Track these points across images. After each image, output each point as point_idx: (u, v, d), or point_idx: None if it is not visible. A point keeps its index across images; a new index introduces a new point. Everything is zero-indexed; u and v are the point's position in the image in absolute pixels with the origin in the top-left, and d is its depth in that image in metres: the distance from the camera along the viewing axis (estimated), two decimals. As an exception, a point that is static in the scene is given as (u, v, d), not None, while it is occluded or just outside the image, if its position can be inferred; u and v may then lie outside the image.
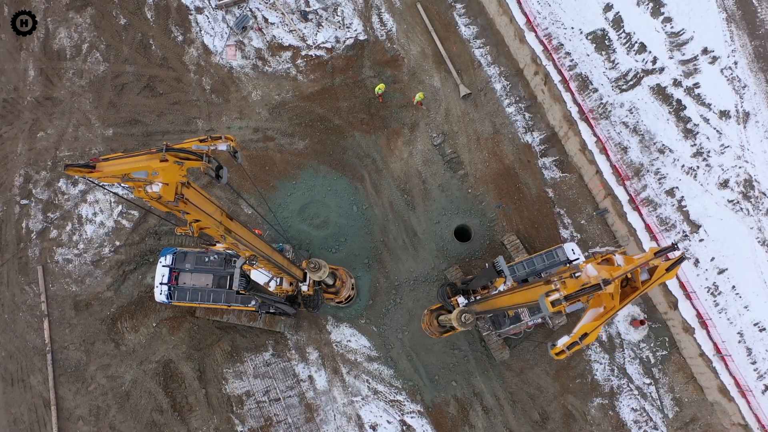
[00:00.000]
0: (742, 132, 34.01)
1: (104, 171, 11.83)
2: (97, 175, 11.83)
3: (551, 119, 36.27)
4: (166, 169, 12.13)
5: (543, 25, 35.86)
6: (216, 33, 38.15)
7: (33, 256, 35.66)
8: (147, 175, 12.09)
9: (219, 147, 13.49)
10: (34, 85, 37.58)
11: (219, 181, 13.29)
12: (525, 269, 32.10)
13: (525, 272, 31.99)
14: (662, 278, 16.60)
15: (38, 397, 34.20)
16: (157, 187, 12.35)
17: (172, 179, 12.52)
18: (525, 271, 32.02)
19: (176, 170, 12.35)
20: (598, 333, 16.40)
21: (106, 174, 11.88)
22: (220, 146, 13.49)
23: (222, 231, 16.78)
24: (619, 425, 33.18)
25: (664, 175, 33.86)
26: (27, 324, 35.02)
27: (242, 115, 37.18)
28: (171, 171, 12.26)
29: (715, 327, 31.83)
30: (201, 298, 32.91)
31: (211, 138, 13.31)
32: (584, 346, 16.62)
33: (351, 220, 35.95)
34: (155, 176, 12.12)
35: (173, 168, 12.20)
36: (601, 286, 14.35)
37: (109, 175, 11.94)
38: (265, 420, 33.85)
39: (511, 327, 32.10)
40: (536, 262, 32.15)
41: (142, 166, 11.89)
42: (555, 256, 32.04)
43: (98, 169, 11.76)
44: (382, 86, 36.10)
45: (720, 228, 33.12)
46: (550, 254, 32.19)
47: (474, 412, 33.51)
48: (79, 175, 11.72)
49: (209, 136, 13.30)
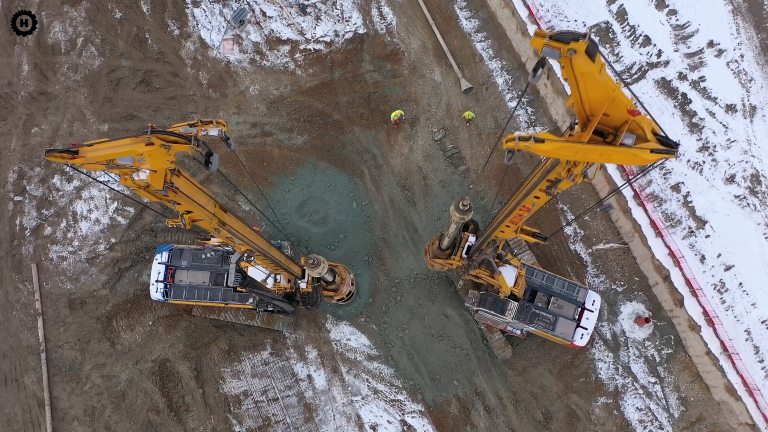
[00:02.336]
0: (749, 126, 33.38)
1: (87, 157, 11.20)
2: (80, 161, 11.21)
3: (554, 114, 35.68)
4: (153, 154, 11.48)
5: (546, 17, 35.24)
6: (213, 27, 37.56)
7: (27, 253, 35.10)
8: (133, 162, 11.46)
9: (210, 132, 12.82)
10: (28, 80, 37.01)
11: (209, 168, 12.66)
12: (542, 281, 31.77)
13: (541, 284, 31.73)
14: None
15: (32, 397, 33.67)
16: (144, 175, 11.72)
17: (159, 165, 11.88)
18: (541, 283, 31.73)
19: (163, 155, 11.70)
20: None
21: (89, 160, 11.26)
22: (212, 131, 12.82)
23: (215, 223, 16.17)
24: (624, 425, 32.61)
25: (669, 170, 33.23)
26: (21, 323, 34.46)
27: (240, 110, 36.60)
28: (158, 156, 11.61)
29: (721, 324, 31.23)
30: (198, 295, 32.48)
31: (202, 122, 12.65)
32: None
33: (350, 217, 35.39)
34: (142, 162, 11.49)
35: (160, 153, 11.55)
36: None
37: (93, 161, 11.31)
38: (264, 420, 33.32)
39: (492, 313, 31.05)
40: (556, 283, 31.85)
41: (127, 151, 11.25)
42: (574, 293, 31.75)
43: (81, 155, 11.14)
44: (400, 112, 35.28)
45: (726, 224, 32.49)
46: (571, 286, 31.86)
47: (476, 411, 32.95)
48: (61, 161, 11.11)
49: (199, 120, 12.65)
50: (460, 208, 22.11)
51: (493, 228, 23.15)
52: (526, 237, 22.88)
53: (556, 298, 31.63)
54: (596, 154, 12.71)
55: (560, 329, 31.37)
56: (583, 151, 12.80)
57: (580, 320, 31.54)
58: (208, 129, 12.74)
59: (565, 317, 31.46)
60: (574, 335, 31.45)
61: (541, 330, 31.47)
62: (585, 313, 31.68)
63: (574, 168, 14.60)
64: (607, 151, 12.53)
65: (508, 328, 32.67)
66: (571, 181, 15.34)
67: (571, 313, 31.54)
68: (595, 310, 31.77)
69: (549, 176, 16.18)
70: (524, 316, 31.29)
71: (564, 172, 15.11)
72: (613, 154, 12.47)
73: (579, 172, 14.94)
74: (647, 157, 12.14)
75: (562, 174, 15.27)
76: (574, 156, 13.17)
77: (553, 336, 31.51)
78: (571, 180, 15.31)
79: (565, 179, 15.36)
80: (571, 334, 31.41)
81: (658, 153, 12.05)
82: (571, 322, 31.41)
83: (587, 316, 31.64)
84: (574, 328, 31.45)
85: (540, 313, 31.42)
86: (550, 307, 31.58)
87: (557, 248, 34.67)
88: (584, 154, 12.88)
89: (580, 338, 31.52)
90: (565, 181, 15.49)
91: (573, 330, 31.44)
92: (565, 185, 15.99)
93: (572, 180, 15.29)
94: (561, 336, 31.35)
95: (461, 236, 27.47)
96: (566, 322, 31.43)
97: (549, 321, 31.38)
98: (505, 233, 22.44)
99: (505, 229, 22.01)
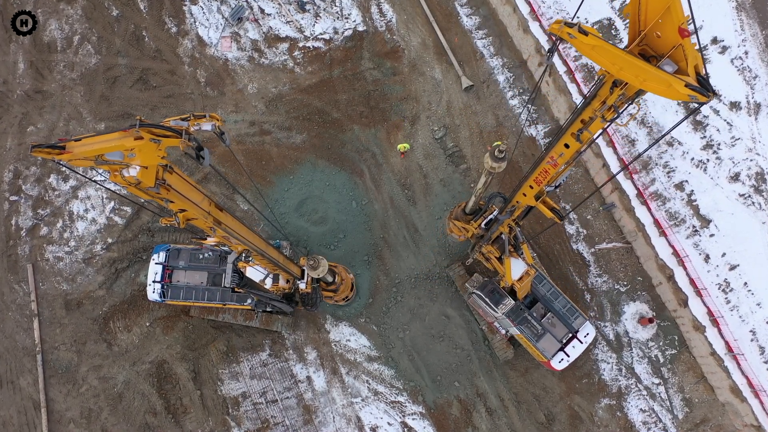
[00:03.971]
0: (754, 124, 32.95)
1: (74, 152, 10.75)
2: (67, 156, 10.77)
3: (556, 112, 35.27)
4: (143, 149, 11.04)
5: (547, 14, 34.81)
6: (211, 24, 37.15)
7: (23, 254, 34.71)
8: (123, 157, 11.03)
9: (203, 126, 12.38)
10: (23, 79, 36.61)
11: (201, 163, 12.23)
12: (546, 293, 31.14)
13: (544, 295, 31.13)
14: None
15: (28, 399, 33.26)
16: (135, 171, 11.29)
17: (150, 161, 11.44)
18: (544, 295, 31.12)
19: (153, 150, 11.26)
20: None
21: (76, 156, 10.81)
22: (205, 125, 12.38)
23: (211, 222, 15.74)
24: (628, 427, 32.21)
25: (673, 168, 32.80)
26: (16, 324, 34.05)
27: (238, 108, 36.18)
28: (148, 151, 11.17)
29: (726, 325, 30.81)
30: (195, 296, 32.12)
31: (194, 116, 12.21)
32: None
33: (350, 216, 34.97)
34: (132, 158, 11.07)
35: (150, 147, 11.11)
36: None
37: (81, 156, 10.87)
38: (262, 422, 32.91)
39: (486, 301, 30.53)
40: (559, 300, 31.14)
41: (116, 146, 10.80)
42: (572, 317, 31.00)
43: (68, 150, 10.71)
44: (406, 146, 34.57)
45: (731, 223, 32.05)
46: (572, 310, 31.12)
47: (477, 413, 32.54)
48: (47, 157, 10.69)
49: (192, 114, 12.21)
50: (495, 155, 20.99)
51: (516, 189, 22.17)
52: (545, 209, 21.70)
53: (552, 314, 31.01)
54: (633, 70, 11.96)
55: (543, 344, 30.58)
56: (622, 62, 12.12)
57: (565, 345, 30.82)
58: (201, 123, 12.32)
59: (553, 336, 30.73)
60: (554, 356, 30.67)
61: (524, 337, 30.81)
62: (573, 341, 30.93)
63: (610, 97, 13.87)
64: (644, 72, 11.78)
65: (495, 323, 32.19)
66: (603, 121, 14.61)
67: (560, 334, 30.76)
68: (585, 344, 30.94)
69: (582, 115, 15.48)
70: (515, 317, 30.64)
71: (598, 104, 14.39)
72: (649, 76, 11.71)
73: (612, 105, 14.11)
74: (680, 90, 11.44)
75: (596, 107, 14.45)
76: (611, 65, 12.43)
77: (534, 348, 30.77)
78: (603, 120, 14.57)
79: (597, 117, 14.58)
80: (551, 353, 30.60)
81: (692, 90, 11.46)
82: (557, 343, 30.70)
83: (574, 345, 30.88)
84: (557, 349, 30.69)
85: (531, 321, 30.82)
86: (543, 321, 30.90)
87: (559, 248, 34.25)
88: (621, 67, 12.20)
89: (558, 362, 30.73)
90: (597, 122, 14.76)
91: (555, 351, 30.66)
92: (596, 127, 15.26)
93: (604, 119, 14.57)
94: (541, 351, 30.56)
95: (488, 206, 26.77)
96: (552, 340, 30.67)
97: (536, 332, 30.68)
98: (528, 196, 21.24)
99: (528, 191, 20.99)
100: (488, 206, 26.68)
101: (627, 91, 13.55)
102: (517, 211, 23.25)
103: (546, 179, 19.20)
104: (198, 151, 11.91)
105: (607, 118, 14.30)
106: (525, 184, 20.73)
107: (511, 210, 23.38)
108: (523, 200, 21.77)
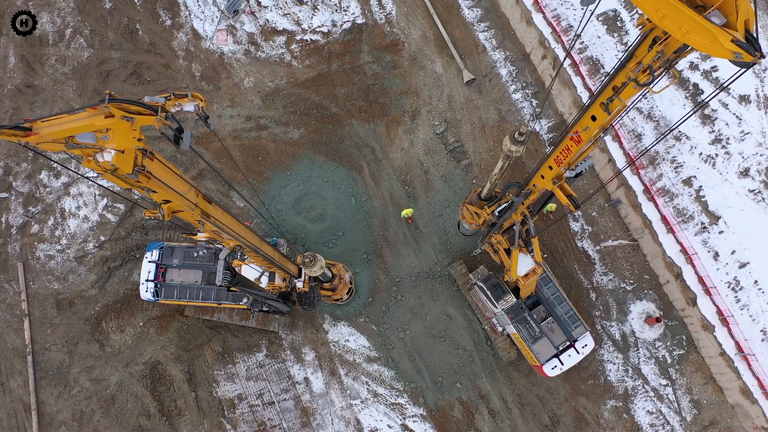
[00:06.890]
0: (763, 117, 32.10)
1: (42, 134, 9.88)
2: (35, 139, 9.89)
3: (560, 106, 34.43)
4: (116, 130, 10.15)
5: (551, 6, 33.93)
6: (206, 17, 36.31)
7: (13, 252, 33.91)
8: (96, 140, 10.14)
9: (185, 107, 11.48)
10: (14, 73, 35.80)
11: (179, 146, 11.34)
12: (550, 297, 30.21)
13: (547, 298, 30.22)
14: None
15: (18, 402, 32.48)
16: (109, 156, 10.39)
17: (125, 144, 10.54)
18: (548, 298, 30.20)
19: (127, 130, 10.35)
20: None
21: (44, 138, 9.93)
22: (186, 106, 11.47)
23: (198, 215, 14.86)
24: (634, 429, 31.39)
25: (680, 163, 31.93)
26: (6, 324, 33.26)
27: (234, 102, 35.36)
28: (121, 132, 10.26)
29: (736, 324, 30.02)
30: (190, 295, 31.35)
31: (175, 95, 11.33)
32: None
33: (349, 213, 34.14)
34: (106, 141, 10.18)
35: (123, 127, 10.21)
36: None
37: (49, 139, 9.99)
38: (259, 425, 32.13)
39: (488, 294, 29.76)
40: (562, 306, 30.11)
41: (86, 125, 9.91)
42: (572, 325, 29.95)
43: (35, 132, 9.84)
44: (410, 211, 33.29)
45: (741, 219, 31.21)
46: (574, 318, 30.04)
47: (480, 415, 31.69)
48: (11, 139, 9.82)
49: (173, 93, 11.34)
50: (515, 138, 20.12)
51: (536, 169, 21.18)
52: (561, 195, 20.73)
53: (553, 319, 30.02)
54: (678, 18, 10.81)
55: (538, 348, 29.57)
56: (667, 7, 11.11)
57: (561, 353, 29.81)
58: (182, 104, 11.43)
59: (550, 341, 29.72)
60: (547, 361, 29.68)
61: (520, 337, 29.87)
62: (570, 350, 29.88)
63: (647, 56, 12.85)
64: (689, 20, 10.72)
65: (493, 320, 31.38)
66: (636, 86, 13.57)
67: (558, 341, 29.71)
68: (581, 355, 29.93)
69: (614, 81, 14.44)
70: (514, 315, 29.73)
71: (633, 65, 13.37)
72: (694, 26, 10.67)
73: (648, 65, 13.09)
74: (726, 44, 10.38)
75: (631, 69, 13.40)
76: (655, 12, 11.30)
77: (528, 349, 29.80)
78: (636, 84, 13.50)
79: (630, 81, 13.53)
80: (545, 357, 29.60)
81: (738, 46, 10.46)
82: (553, 349, 29.70)
83: (570, 354, 29.83)
84: (551, 355, 29.70)
85: (530, 322, 29.90)
86: (543, 324, 29.98)
87: (564, 245, 33.39)
88: (665, 14, 11.17)
89: (551, 368, 29.72)
90: (630, 87, 13.72)
91: (549, 356, 29.66)
92: (627, 94, 14.24)
93: (637, 84, 13.52)
94: (535, 354, 29.57)
95: (504, 194, 25.88)
96: (548, 345, 29.64)
97: (533, 334, 29.75)
98: (546, 178, 20.28)
99: (546, 173, 19.99)
100: (504, 194, 25.84)
101: (667, 48, 12.57)
102: (532, 195, 22.29)
103: (567, 158, 18.22)
104: (178, 133, 11.01)
105: (641, 82, 13.23)
106: (544, 164, 19.77)
107: (527, 193, 22.42)
108: (540, 183, 20.76)
